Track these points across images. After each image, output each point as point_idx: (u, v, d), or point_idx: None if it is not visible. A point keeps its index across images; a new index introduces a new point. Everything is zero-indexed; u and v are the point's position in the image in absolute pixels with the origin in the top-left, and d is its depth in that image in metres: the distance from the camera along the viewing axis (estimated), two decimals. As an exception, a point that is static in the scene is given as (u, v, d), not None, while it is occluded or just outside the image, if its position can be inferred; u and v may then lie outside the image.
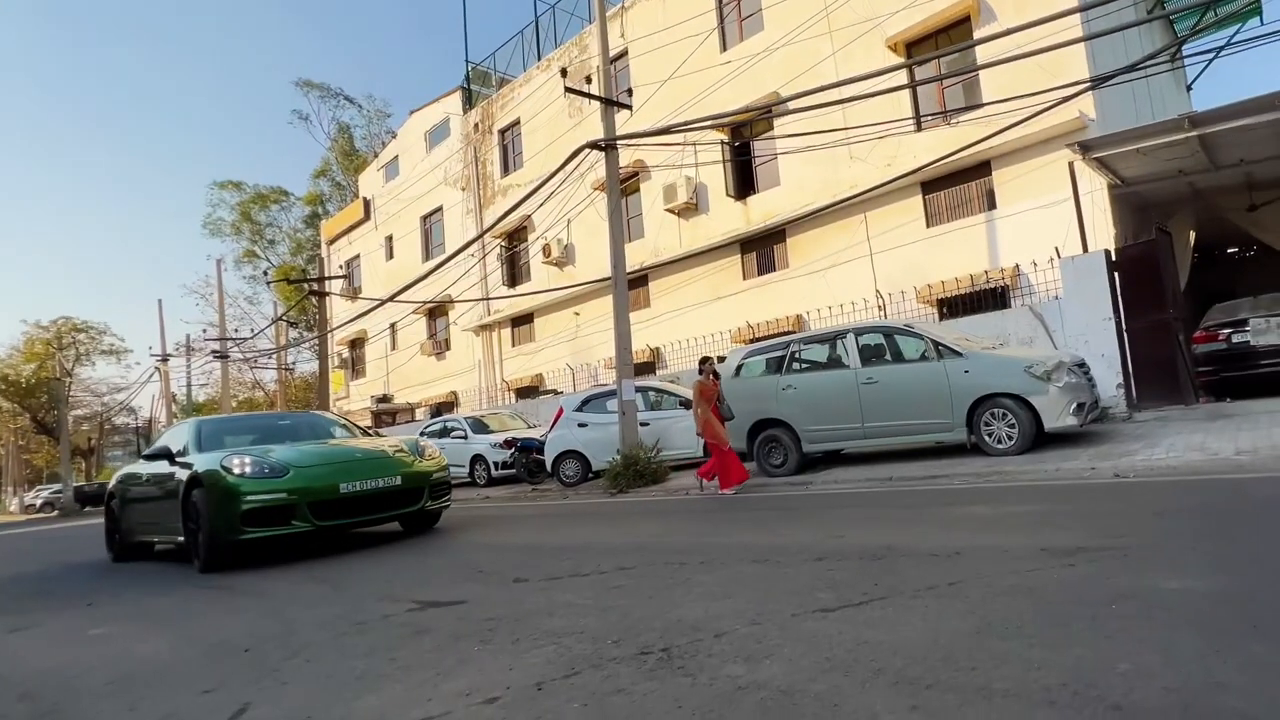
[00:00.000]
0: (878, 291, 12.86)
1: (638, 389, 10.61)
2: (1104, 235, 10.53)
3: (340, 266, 29.66)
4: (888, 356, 7.83)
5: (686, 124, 11.30)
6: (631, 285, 13.86)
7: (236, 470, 5.49)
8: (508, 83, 23.12)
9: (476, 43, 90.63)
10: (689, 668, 2.22)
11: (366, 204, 29.00)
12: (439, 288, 18.53)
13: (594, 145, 10.78)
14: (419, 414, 24.56)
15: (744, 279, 15.91)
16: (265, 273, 38.69)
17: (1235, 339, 9.63)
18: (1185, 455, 5.53)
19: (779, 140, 14.60)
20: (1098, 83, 9.72)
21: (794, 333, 12.67)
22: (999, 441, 6.88)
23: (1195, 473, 5.06)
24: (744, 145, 16.46)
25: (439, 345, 25.05)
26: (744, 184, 16.26)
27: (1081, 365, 7.41)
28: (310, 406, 37.76)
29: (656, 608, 2.98)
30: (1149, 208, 12.48)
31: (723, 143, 16.03)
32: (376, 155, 32.03)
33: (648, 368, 16.84)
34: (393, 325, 25.41)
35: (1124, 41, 12.75)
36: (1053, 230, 10.93)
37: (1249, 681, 1.69)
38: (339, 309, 28.00)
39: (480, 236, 17.67)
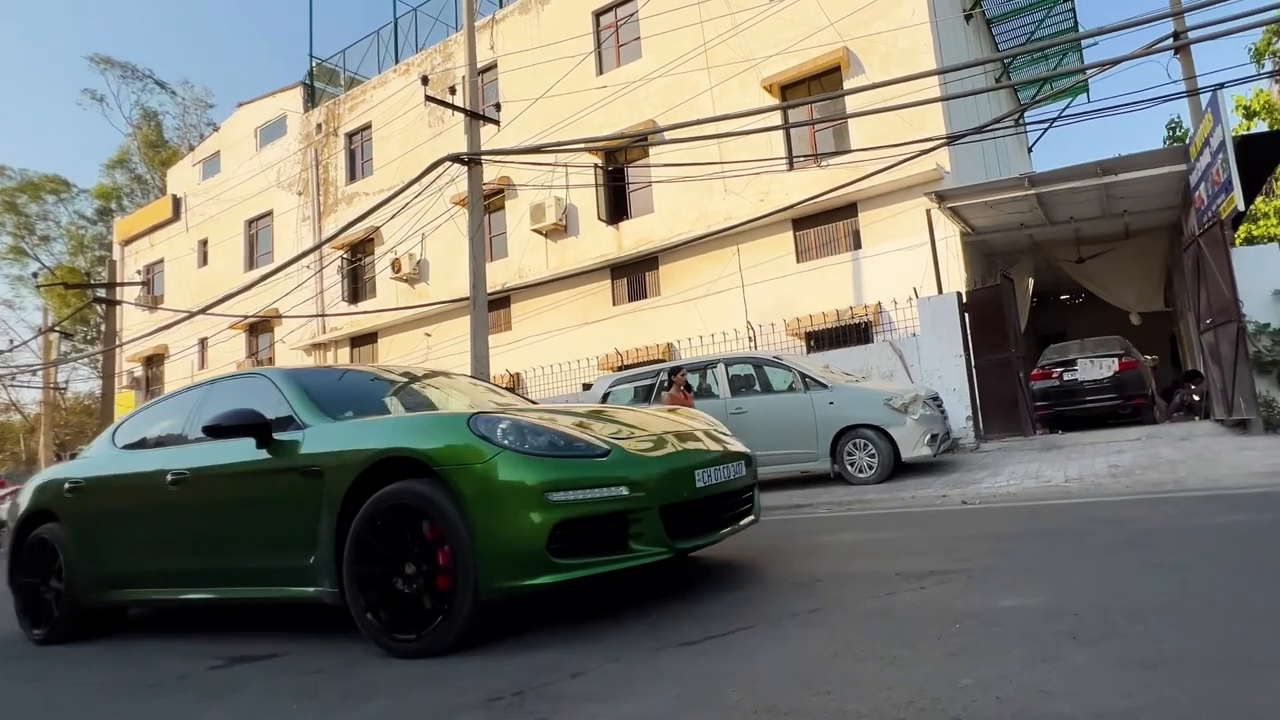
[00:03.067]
0: (748, 323, 13.60)
1: (496, 418, 10.37)
2: (957, 278, 11.88)
3: (138, 271, 27.10)
4: (757, 387, 8.28)
5: (559, 144, 11.45)
6: (492, 306, 13.69)
7: (512, 442, 2.96)
8: (359, 84, 22.51)
9: (324, 37, 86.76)
10: (542, 711, 2.17)
11: (176, 202, 26.82)
12: (265, 300, 17.32)
13: (456, 159, 10.70)
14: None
15: (614, 304, 16.21)
16: (35, 274, 34.15)
17: (1066, 377, 11.28)
18: (1023, 483, 6.30)
19: (654, 168, 15.21)
20: (953, 140, 11.12)
21: (664, 361, 13.07)
22: (860, 471, 7.46)
23: (1031, 499, 5.76)
24: (618, 170, 16.95)
25: (261, 365, 23.28)
26: (617, 209, 16.67)
27: (935, 399, 8.25)
28: (87, 432, 33.43)
29: (508, 649, 2.90)
30: (995, 255, 14.27)
31: (596, 166, 16.40)
32: (192, 149, 29.76)
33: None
34: (203, 341, 23.39)
35: (976, 104, 14.67)
36: (912, 271, 12.16)
37: (1070, 687, 1.93)
38: (133, 320, 25.42)
39: (319, 246, 16.77)
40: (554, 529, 2.86)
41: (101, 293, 18.03)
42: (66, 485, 4.36)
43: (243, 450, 3.50)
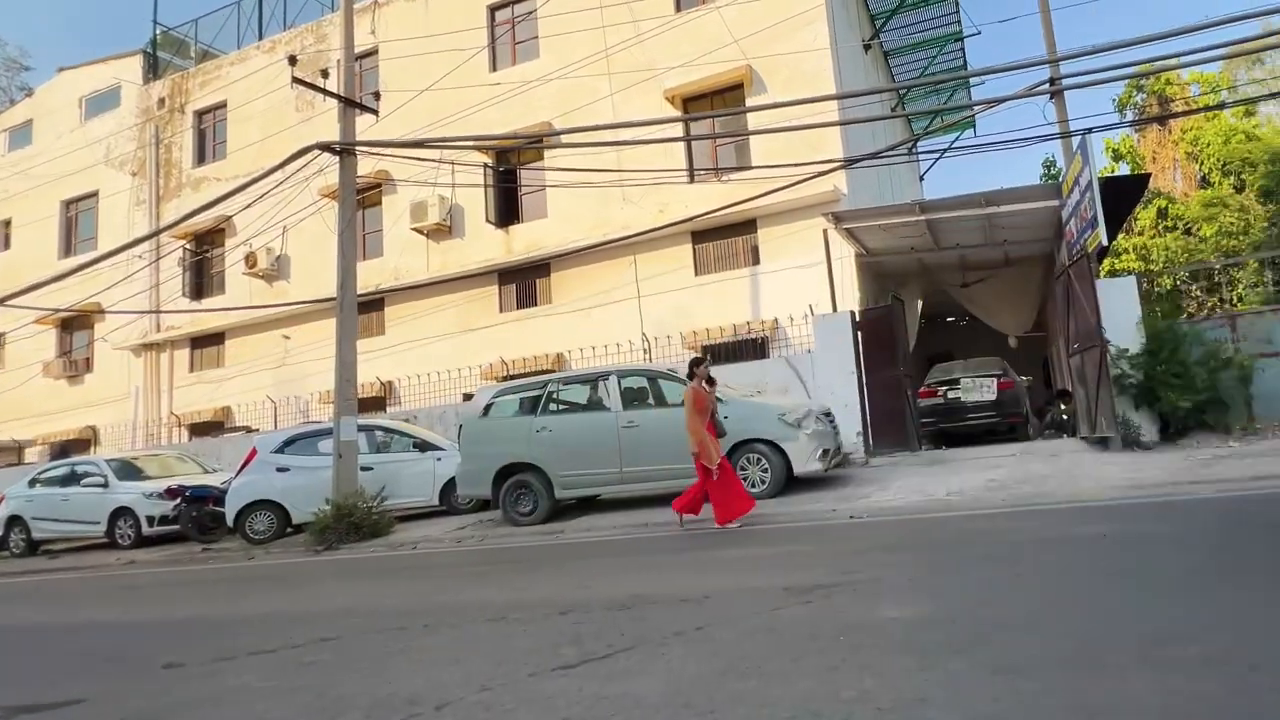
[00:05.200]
0: (644, 335, 13.77)
1: (362, 428, 10.13)
2: (851, 297, 12.55)
3: (-81, 253, 24.21)
4: (651, 400, 8.38)
5: (445, 140, 11.17)
6: (363, 309, 13.15)
7: None
8: (213, 58, 21.30)
9: (172, 2, 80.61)
10: (399, 747, 2.07)
11: (-28, 174, 24.34)
12: (84, 292, 16.06)
13: (326, 147, 10.31)
14: (32, 454, 20.97)
15: (500, 311, 16.02)
16: None
17: (950, 395, 12.24)
18: (909, 497, 6.75)
19: (549, 172, 15.18)
20: (850, 163, 11.80)
21: (553, 372, 12.98)
22: (753, 485, 7.67)
23: (916, 512, 6.15)
24: (510, 172, 16.82)
25: (74, 366, 21.48)
26: (507, 211, 16.53)
27: (828, 414, 8.65)
28: None
29: (363, 682, 2.76)
30: (887, 276, 15.18)
31: (486, 166, 16.20)
32: (-1, 114, 27.05)
33: (377, 403, 16.12)
34: (0, 336, 21.25)
35: (873, 131, 15.68)
36: (808, 289, 12.74)
37: (946, 694, 2.06)
38: (-90, 310, 22.71)
39: (156, 234, 15.61)
40: None
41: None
42: None
43: None
